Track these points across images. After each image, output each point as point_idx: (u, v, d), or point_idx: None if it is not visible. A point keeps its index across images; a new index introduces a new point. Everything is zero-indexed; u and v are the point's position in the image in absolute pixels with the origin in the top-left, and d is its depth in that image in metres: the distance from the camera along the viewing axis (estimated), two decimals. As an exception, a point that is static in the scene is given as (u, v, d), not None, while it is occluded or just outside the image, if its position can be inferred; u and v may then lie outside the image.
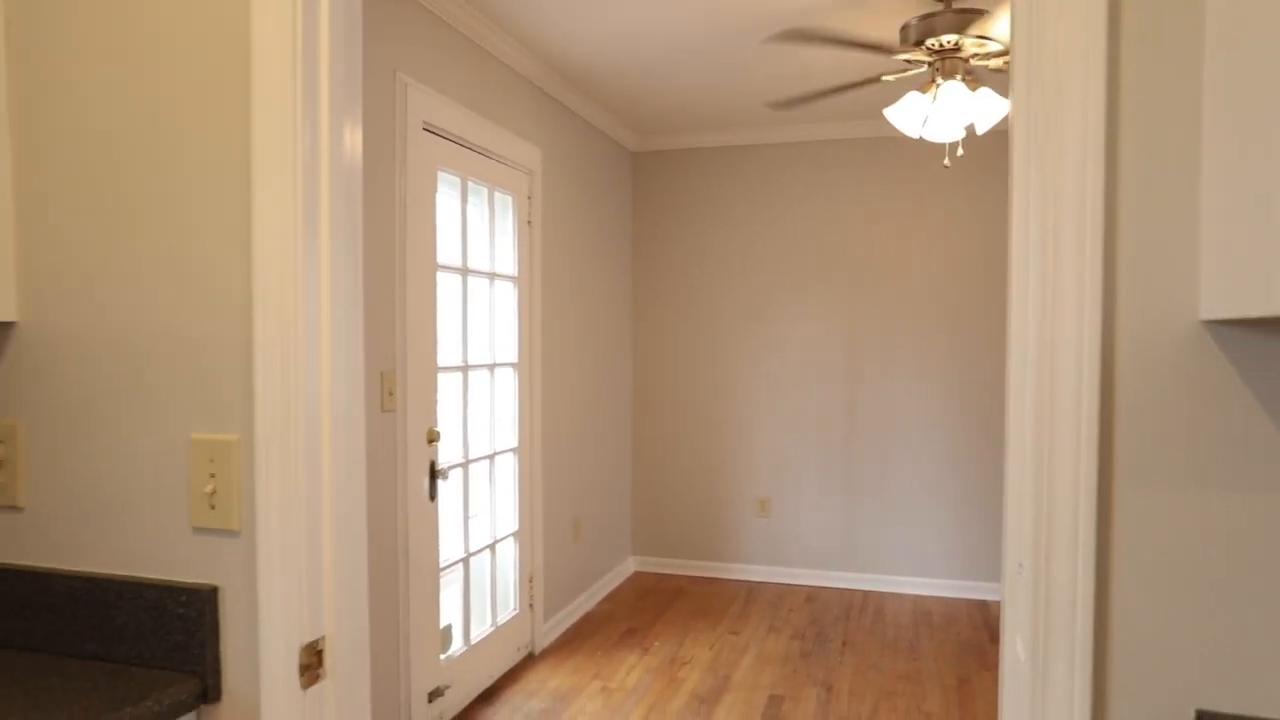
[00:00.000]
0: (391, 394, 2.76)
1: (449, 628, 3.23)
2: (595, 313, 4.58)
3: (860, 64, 3.62)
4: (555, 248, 4.05)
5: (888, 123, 4.56)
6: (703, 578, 5.04)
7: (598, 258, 4.60)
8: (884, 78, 2.92)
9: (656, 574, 5.12)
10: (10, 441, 1.21)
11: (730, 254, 4.97)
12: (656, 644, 3.97)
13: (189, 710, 1.12)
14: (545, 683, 3.53)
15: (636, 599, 4.65)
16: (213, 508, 1.14)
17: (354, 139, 1.22)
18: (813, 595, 4.72)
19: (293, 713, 1.11)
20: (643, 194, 5.12)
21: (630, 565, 5.16)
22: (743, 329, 4.96)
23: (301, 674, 1.12)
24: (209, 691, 1.13)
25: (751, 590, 4.80)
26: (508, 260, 3.64)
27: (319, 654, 1.15)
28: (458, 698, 3.21)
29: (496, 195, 3.53)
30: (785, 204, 4.86)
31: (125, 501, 1.18)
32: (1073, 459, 0.86)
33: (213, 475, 1.14)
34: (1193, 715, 0.86)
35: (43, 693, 1.07)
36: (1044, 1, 0.88)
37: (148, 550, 1.17)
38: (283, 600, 1.11)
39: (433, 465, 2.99)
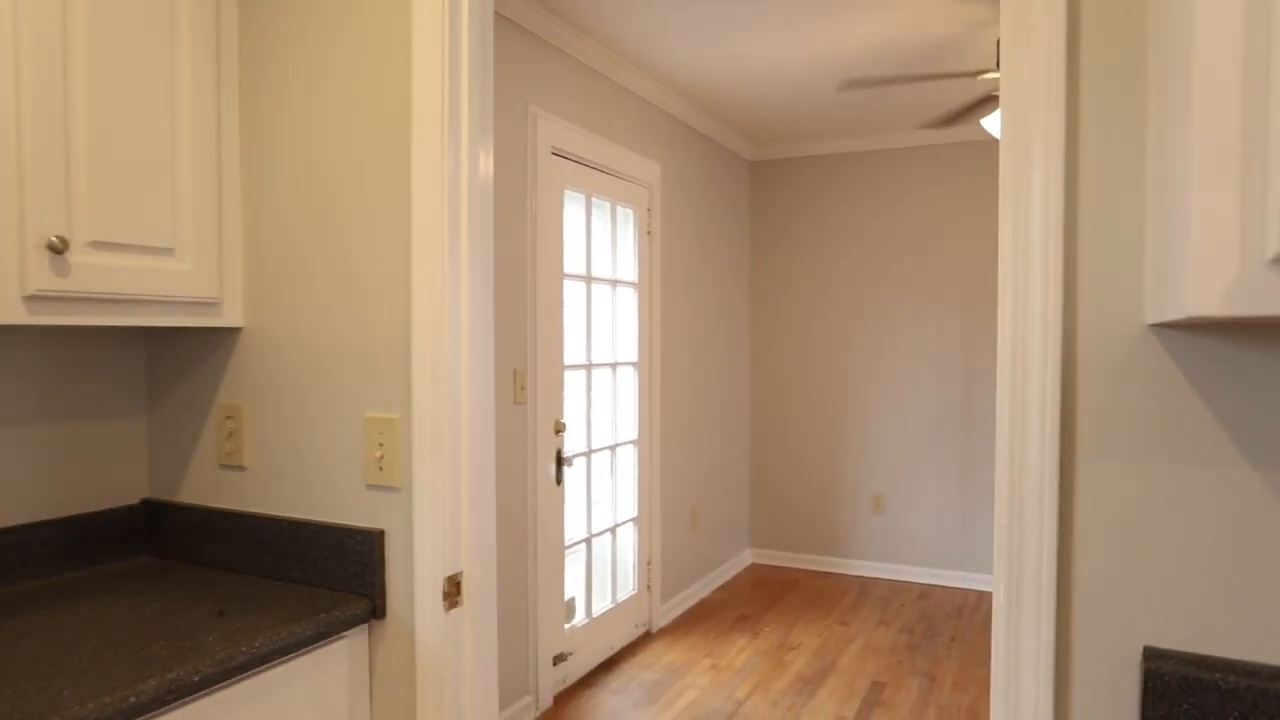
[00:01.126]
0: (523, 388, 3.13)
1: (572, 600, 3.58)
2: (714, 315, 4.84)
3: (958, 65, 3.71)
4: (674, 255, 4.34)
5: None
6: (817, 571, 5.20)
7: (716, 263, 4.86)
8: (982, 76, 3.03)
9: (772, 566, 5.32)
10: (238, 418, 1.62)
11: (848, 257, 5.10)
12: (767, 630, 4.19)
13: (362, 623, 1.47)
14: (660, 658, 3.83)
15: (751, 588, 4.88)
16: (380, 469, 1.49)
17: (487, 166, 1.53)
18: (925, 593, 4.78)
19: (438, 629, 1.45)
20: (760, 201, 5.33)
21: (747, 556, 5.38)
22: (860, 329, 5.08)
23: (444, 599, 1.45)
24: (377, 610, 1.48)
25: (864, 585, 4.92)
26: (629, 268, 3.96)
27: (458, 585, 1.48)
28: (579, 664, 3.56)
29: (618, 209, 3.86)
30: (902, 207, 4.95)
31: (317, 463, 1.56)
32: (1038, 437, 1.06)
33: (380, 445, 1.49)
34: (1140, 650, 1.04)
35: (268, 600, 1.46)
36: (1020, 62, 1.08)
37: (332, 501, 1.54)
38: (431, 542, 1.44)
39: (559, 453, 3.35)
